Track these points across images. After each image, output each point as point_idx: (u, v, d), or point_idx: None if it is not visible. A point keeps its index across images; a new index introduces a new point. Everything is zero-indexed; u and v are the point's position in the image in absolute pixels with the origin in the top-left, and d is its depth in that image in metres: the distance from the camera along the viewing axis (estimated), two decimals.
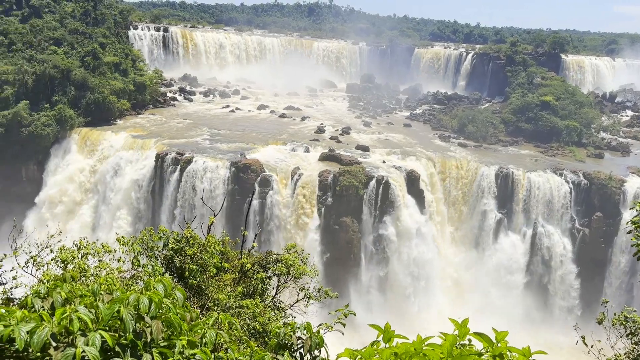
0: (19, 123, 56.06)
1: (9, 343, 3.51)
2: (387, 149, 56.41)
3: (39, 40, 67.57)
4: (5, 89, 58.88)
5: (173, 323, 3.77)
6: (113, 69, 66.23)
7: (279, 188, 47.71)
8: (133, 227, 49.10)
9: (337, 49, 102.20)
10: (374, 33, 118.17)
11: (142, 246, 11.77)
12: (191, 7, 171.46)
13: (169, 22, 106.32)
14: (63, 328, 3.51)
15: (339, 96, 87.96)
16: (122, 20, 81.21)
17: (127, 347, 3.52)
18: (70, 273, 4.91)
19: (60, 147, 56.67)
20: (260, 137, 57.25)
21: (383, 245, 47.73)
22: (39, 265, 10.95)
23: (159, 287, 3.94)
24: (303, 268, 15.89)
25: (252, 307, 12.15)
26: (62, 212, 53.16)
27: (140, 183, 50.42)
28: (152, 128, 58.93)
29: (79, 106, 59.13)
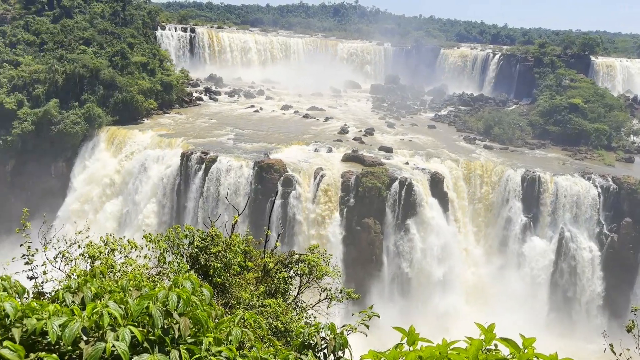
0: (49, 121, 57.45)
1: (41, 336, 3.60)
2: (411, 150, 56.03)
3: (69, 40, 69.16)
4: (36, 88, 60.44)
5: (200, 320, 3.82)
6: (141, 68, 67.35)
7: (301, 188, 47.83)
8: (158, 224, 49.82)
9: (362, 49, 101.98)
10: (400, 34, 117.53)
11: (168, 243, 11.94)
12: (218, 7, 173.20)
13: (196, 22, 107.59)
14: (93, 323, 3.59)
15: (363, 97, 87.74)
16: (150, 21, 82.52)
17: (155, 342, 3.57)
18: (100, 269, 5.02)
19: (89, 145, 57.88)
20: (283, 138, 57.49)
21: (405, 247, 47.42)
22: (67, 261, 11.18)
23: (187, 284, 3.99)
24: (325, 269, 15.91)
25: (275, 306, 12.21)
26: (89, 209, 54.27)
27: (165, 181, 51.14)
28: (178, 127, 59.73)
29: (107, 105, 60.30)
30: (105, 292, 4.15)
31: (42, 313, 3.65)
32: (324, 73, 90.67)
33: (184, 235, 12.43)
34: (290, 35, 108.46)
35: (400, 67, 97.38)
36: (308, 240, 45.73)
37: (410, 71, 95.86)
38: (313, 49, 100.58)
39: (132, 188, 52.66)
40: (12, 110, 58.40)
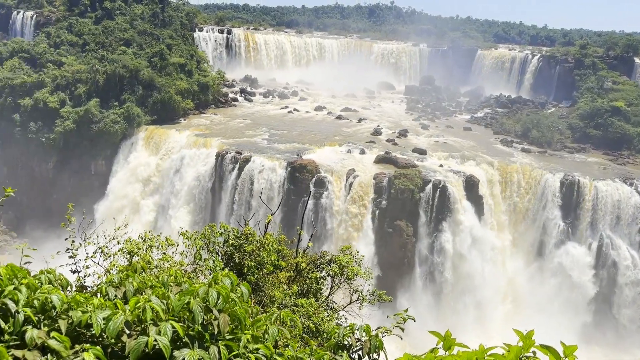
0: (90, 120, 59.23)
1: (85, 328, 3.72)
2: (446, 152, 55.29)
3: (110, 41, 71.18)
4: (78, 87, 62.43)
5: (239, 317, 3.87)
6: (178, 69, 68.71)
7: (333, 189, 47.84)
8: (193, 222, 50.71)
9: (397, 50, 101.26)
10: (436, 34, 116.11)
11: (204, 241, 12.13)
12: (254, 9, 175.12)
13: (233, 24, 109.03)
14: (136, 317, 3.68)
15: (397, 98, 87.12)
16: (188, 22, 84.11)
17: (195, 338, 3.64)
18: (140, 264, 5.14)
19: (127, 144, 59.39)
20: (316, 138, 57.65)
21: (438, 251, 46.81)
22: (107, 256, 11.48)
23: (226, 281, 4.05)
24: (357, 270, 15.87)
25: (307, 306, 12.24)
26: (127, 206, 55.69)
27: (201, 180, 52.03)
28: (213, 127, 60.66)
29: (146, 105, 61.74)
30: (147, 287, 4.25)
31: (87, 306, 3.77)
32: (358, 74, 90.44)
33: (219, 233, 12.62)
34: (325, 37, 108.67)
35: (435, 68, 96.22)
36: (339, 241, 45.70)
37: (446, 72, 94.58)
38: (347, 50, 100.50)
39: (169, 186, 53.78)
40: (55, 109, 60.53)
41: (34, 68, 66.43)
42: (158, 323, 3.59)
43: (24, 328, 3.54)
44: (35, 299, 3.74)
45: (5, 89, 62.79)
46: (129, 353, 3.41)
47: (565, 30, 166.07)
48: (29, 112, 61.20)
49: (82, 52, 70.32)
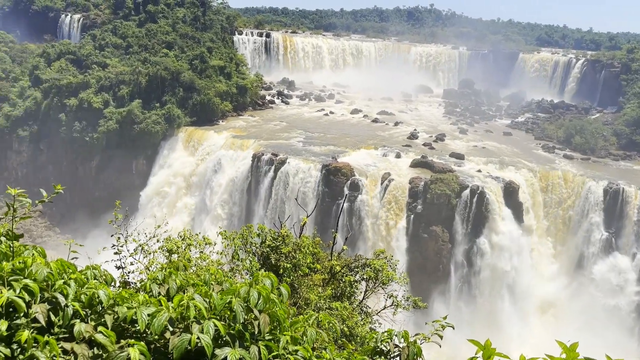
0: (132, 120, 60.87)
1: (130, 324, 3.81)
2: (484, 157, 54.25)
3: (153, 44, 73.02)
4: (121, 88, 64.28)
5: (279, 318, 3.89)
6: (218, 72, 69.89)
7: (368, 192, 47.62)
8: (229, 222, 51.41)
9: (436, 53, 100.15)
10: (476, 37, 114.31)
11: (241, 241, 12.26)
12: (292, 13, 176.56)
13: (271, 27, 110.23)
14: (179, 314, 3.75)
15: (434, 102, 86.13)
16: (228, 26, 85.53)
17: (236, 337, 3.67)
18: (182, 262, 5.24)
19: (167, 144, 60.75)
20: (352, 141, 57.55)
21: (475, 258, 45.91)
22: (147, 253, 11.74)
23: (266, 281, 4.08)
24: (392, 274, 15.73)
25: (341, 309, 12.21)
26: (166, 204, 56.95)
27: (237, 181, 52.72)
28: (250, 129, 61.38)
29: (186, 106, 63.03)
30: (189, 285, 4.32)
31: (132, 302, 3.86)
32: (395, 77, 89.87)
33: (256, 234, 12.74)
34: (363, 40, 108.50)
35: (475, 72, 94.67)
36: (373, 245, 45.42)
37: (485, 76, 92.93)
38: (385, 52, 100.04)
39: (206, 186, 54.71)
40: (99, 109, 62.49)
41: (79, 69, 68.78)
42: (201, 321, 3.64)
43: (72, 321, 3.65)
44: (83, 294, 3.86)
45: (53, 89, 65.24)
46: (172, 350, 3.47)
47: (611, 34, 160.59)
48: (74, 111, 63.39)
49: (125, 54, 72.41)
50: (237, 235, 12.39)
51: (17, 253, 4.21)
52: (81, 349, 3.45)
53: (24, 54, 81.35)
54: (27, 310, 3.55)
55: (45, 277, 3.77)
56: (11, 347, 3.41)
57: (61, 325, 3.66)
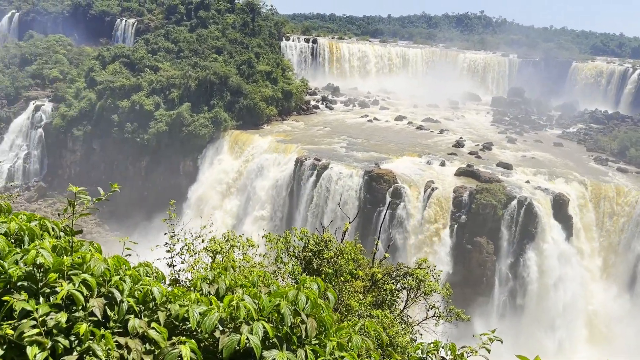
0: (181, 123, 62.56)
1: (181, 321, 3.90)
2: (533, 168, 52.66)
3: (203, 49, 74.91)
4: (172, 92, 66.22)
5: (325, 323, 3.89)
6: (265, 77, 70.96)
7: (410, 200, 47.06)
8: (271, 224, 51.94)
9: (485, 60, 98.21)
10: (527, 45, 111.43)
11: (284, 245, 12.35)
12: (340, 19, 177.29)
13: (318, 33, 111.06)
14: (229, 314, 3.81)
15: (482, 110, 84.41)
16: (276, 32, 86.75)
17: (283, 340, 3.70)
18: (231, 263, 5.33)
19: (214, 147, 62.10)
20: (395, 148, 57.09)
21: (521, 272, 44.52)
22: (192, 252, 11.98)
23: (314, 286, 4.09)
24: (435, 286, 15.46)
25: (382, 317, 12.08)
26: (211, 205, 58.14)
27: (280, 184, 53.24)
28: (294, 134, 61.92)
29: (233, 110, 64.28)
30: (237, 285, 4.38)
31: (184, 300, 3.95)
32: (441, 84, 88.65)
33: (299, 238, 12.80)
34: (410, 46, 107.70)
35: (525, 80, 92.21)
36: (414, 253, 44.81)
37: (536, 85, 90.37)
38: (432, 59, 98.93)
39: (250, 189, 55.53)
40: (150, 112, 64.56)
41: (132, 72, 71.30)
42: (250, 322, 3.69)
43: (127, 317, 3.77)
44: (137, 290, 3.98)
45: (107, 90, 67.87)
46: (222, 349, 3.53)
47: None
48: (126, 113, 65.72)
49: (176, 58, 74.56)
50: (281, 238, 12.47)
51: (75, 248, 4.38)
52: (135, 344, 3.56)
53: (81, 57, 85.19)
54: (85, 303, 3.69)
55: (102, 272, 3.92)
56: (69, 338, 3.55)
57: (116, 320, 3.79)
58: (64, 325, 3.53)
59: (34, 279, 3.85)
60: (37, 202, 68.29)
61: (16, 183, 70.75)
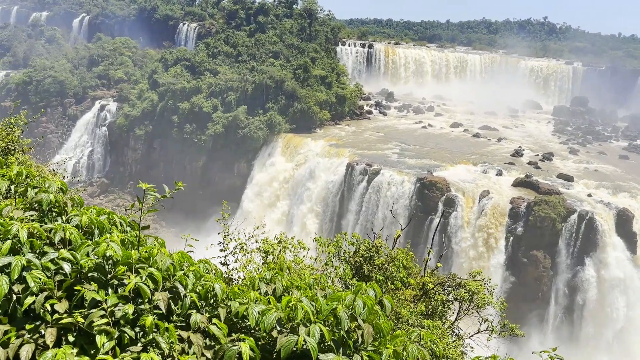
0: (237, 125, 64.03)
1: (240, 319, 3.99)
2: (596, 181, 50.28)
3: (261, 53, 76.43)
4: (229, 95, 67.91)
5: (382, 330, 3.87)
6: (319, 81, 71.54)
7: (464, 210, 46.00)
8: (320, 228, 52.17)
9: (547, 68, 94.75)
10: (593, 53, 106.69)
11: (335, 249, 12.36)
12: (397, 24, 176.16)
13: (375, 38, 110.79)
14: (287, 315, 3.86)
15: (543, 119, 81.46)
16: (333, 37, 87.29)
17: (340, 344, 3.71)
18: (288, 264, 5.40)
19: (267, 149, 63.15)
20: (449, 156, 56.01)
21: (579, 289, 42.50)
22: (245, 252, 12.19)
23: (370, 292, 4.08)
24: (489, 299, 15.03)
25: (434, 328, 11.86)
26: (262, 206, 59.10)
27: (331, 188, 53.40)
28: (346, 138, 61.96)
29: (287, 114, 65.16)
30: (293, 287, 4.44)
31: (243, 298, 4.05)
32: (500, 91, 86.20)
33: (350, 242, 12.78)
34: (468, 52, 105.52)
35: (590, 89, 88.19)
36: (466, 265, 43.74)
37: (602, 94, 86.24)
38: (491, 66, 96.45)
39: (301, 191, 56.03)
40: (208, 113, 66.46)
41: (193, 75, 73.67)
42: (307, 324, 3.72)
43: (189, 311, 3.90)
44: (199, 286, 4.11)
45: (168, 92, 70.41)
46: (280, 349, 3.58)
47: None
48: (185, 114, 67.93)
49: (235, 62, 76.44)
50: (332, 242, 12.49)
51: (141, 243, 4.58)
52: (196, 338, 3.67)
53: (145, 59, 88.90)
54: (151, 297, 3.85)
55: (168, 267, 4.07)
56: (135, 329, 3.71)
57: (179, 314, 3.93)
58: (131, 317, 3.69)
59: (103, 271, 4.05)
60: (99, 197, 71.69)
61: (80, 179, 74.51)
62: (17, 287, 3.79)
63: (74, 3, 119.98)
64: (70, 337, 3.62)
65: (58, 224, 4.39)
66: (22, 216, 4.58)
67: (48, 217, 4.80)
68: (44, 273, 3.89)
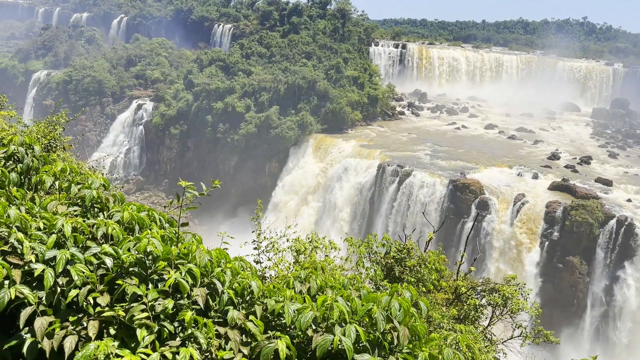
0: (269, 125, 64.53)
1: (275, 317, 4.03)
2: (636, 186, 48.60)
3: (294, 54, 76.79)
4: (262, 95, 68.50)
5: (418, 333, 3.85)
6: (352, 82, 71.42)
7: (498, 213, 45.16)
8: (350, 229, 52.06)
9: (586, 69, 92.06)
10: (634, 54, 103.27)
11: (367, 250, 12.32)
12: (431, 24, 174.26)
13: (408, 39, 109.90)
14: (322, 314, 3.88)
15: (581, 121, 79.25)
16: (366, 37, 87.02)
17: (375, 345, 3.70)
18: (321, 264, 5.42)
19: (299, 149, 63.40)
20: (483, 158, 55.07)
21: (617, 297, 41.18)
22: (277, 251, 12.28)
23: (407, 294, 4.06)
24: (523, 304, 14.72)
25: (467, 333, 11.68)
26: (293, 206, 59.38)
27: (361, 189, 53.24)
28: (378, 139, 61.65)
29: (318, 114, 65.29)
30: (327, 286, 4.46)
31: (279, 296, 4.09)
32: (537, 93, 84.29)
33: (381, 244, 12.71)
34: (504, 52, 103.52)
35: (631, 91, 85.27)
36: (500, 269, 42.92)
37: None
38: (528, 66, 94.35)
39: (332, 192, 56.03)
40: (241, 113, 67.19)
41: (227, 75, 74.60)
42: (342, 324, 3.73)
43: (226, 307, 3.96)
44: (236, 283, 4.17)
45: (203, 92, 71.52)
46: (315, 347, 3.60)
47: None
48: (219, 114, 68.87)
49: (268, 62, 77.04)
50: (363, 243, 12.45)
51: (180, 239, 4.67)
52: (233, 334, 3.72)
53: (181, 59, 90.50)
54: (190, 292, 3.92)
55: (206, 264, 4.14)
56: (174, 324, 3.79)
57: (217, 310, 3.99)
58: (170, 312, 3.78)
59: (144, 266, 4.15)
60: (135, 194, 73.36)
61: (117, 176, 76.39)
62: (61, 280, 3.91)
63: (113, 4, 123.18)
64: (111, 330, 3.73)
65: (100, 220, 4.53)
66: (66, 211, 4.74)
67: (91, 212, 4.95)
68: (87, 267, 4.01)
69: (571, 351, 39.96)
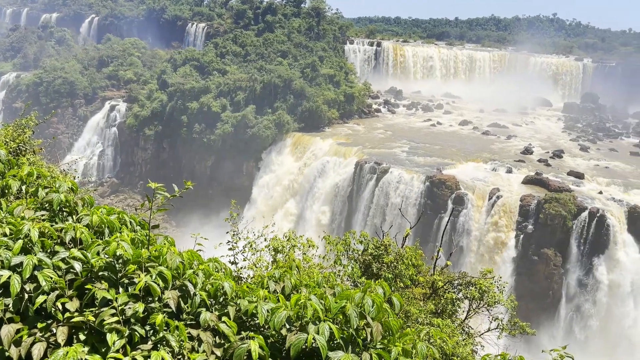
0: (246, 124, 64.20)
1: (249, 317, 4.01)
2: (607, 178, 49.83)
3: (269, 52, 76.49)
4: (238, 94, 68.07)
5: (391, 328, 3.87)
6: (327, 80, 71.50)
7: (474, 208, 45.79)
8: (329, 227, 52.16)
9: (557, 64, 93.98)
10: (603, 49, 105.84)
11: (344, 247, 12.36)
12: (405, 22, 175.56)
13: (383, 37, 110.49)
14: (296, 313, 3.87)
15: (553, 116, 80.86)
16: (340, 35, 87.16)
17: (349, 342, 3.71)
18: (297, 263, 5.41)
19: (276, 148, 63.23)
20: (459, 154, 55.77)
21: (590, 287, 42.21)
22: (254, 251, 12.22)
23: (379, 290, 4.08)
24: (499, 297, 14.97)
25: (443, 327, 11.82)
26: (271, 205, 59.21)
27: (339, 187, 53.39)
28: (355, 137, 61.88)
29: (295, 113, 65.21)
30: (302, 285, 4.45)
31: (252, 296, 4.06)
32: (510, 89, 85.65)
33: (359, 241, 12.77)
34: (477, 49, 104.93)
35: (600, 86, 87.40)
36: (476, 263, 43.55)
37: (612, 90, 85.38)
38: (500, 63, 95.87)
39: (310, 190, 56.05)
40: (217, 113, 66.65)
41: (201, 75, 73.91)
42: (316, 322, 3.73)
43: (198, 309, 3.92)
44: (209, 284, 4.13)
45: (177, 92, 70.71)
46: (289, 347, 3.59)
47: None
48: (194, 114, 68.19)
49: (243, 61, 76.57)
50: (341, 241, 12.49)
51: (151, 242, 4.61)
52: (206, 336, 3.69)
53: (154, 59, 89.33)
54: (161, 295, 3.87)
55: (177, 266, 4.09)
56: (145, 327, 3.74)
57: (189, 312, 3.95)
58: (141, 315, 3.72)
59: (113, 270, 4.08)
60: (110, 197, 72.19)
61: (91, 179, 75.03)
62: (28, 286, 3.83)
63: (84, 4, 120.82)
64: (81, 335, 3.66)
65: (69, 224, 4.44)
66: (33, 216, 4.63)
67: (59, 216, 4.85)
68: (55, 272, 3.93)
69: (548, 341, 40.80)
